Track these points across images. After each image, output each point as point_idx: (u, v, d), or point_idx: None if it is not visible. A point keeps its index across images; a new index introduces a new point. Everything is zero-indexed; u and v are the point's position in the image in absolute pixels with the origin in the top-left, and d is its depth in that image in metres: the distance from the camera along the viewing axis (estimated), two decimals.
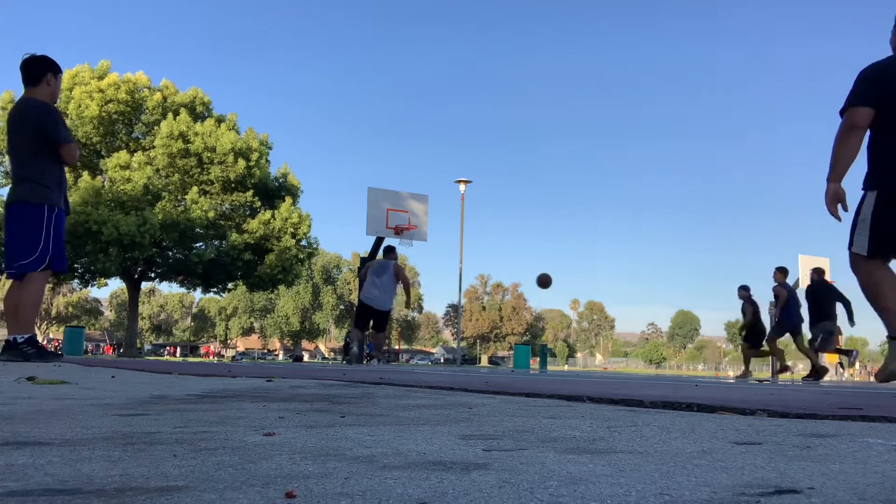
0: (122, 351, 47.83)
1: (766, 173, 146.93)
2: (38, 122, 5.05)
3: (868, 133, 4.01)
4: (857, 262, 4.07)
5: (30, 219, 5.02)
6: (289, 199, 28.96)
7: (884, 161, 3.93)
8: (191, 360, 26.96)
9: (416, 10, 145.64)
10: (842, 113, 4.03)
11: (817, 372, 10.36)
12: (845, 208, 4.01)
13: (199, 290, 31.90)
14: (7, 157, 27.05)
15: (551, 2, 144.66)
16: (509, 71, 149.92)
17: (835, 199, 3.98)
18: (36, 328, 5.69)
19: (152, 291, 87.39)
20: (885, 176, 3.92)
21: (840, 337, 18.54)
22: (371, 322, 10.74)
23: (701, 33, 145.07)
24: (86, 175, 26.33)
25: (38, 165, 5.04)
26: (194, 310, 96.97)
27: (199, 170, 27.71)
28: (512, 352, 30.36)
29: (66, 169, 5.32)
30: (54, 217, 5.09)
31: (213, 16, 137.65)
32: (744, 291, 12.21)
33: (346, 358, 10.82)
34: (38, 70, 5.22)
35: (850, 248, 4.08)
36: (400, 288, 10.83)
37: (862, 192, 4.03)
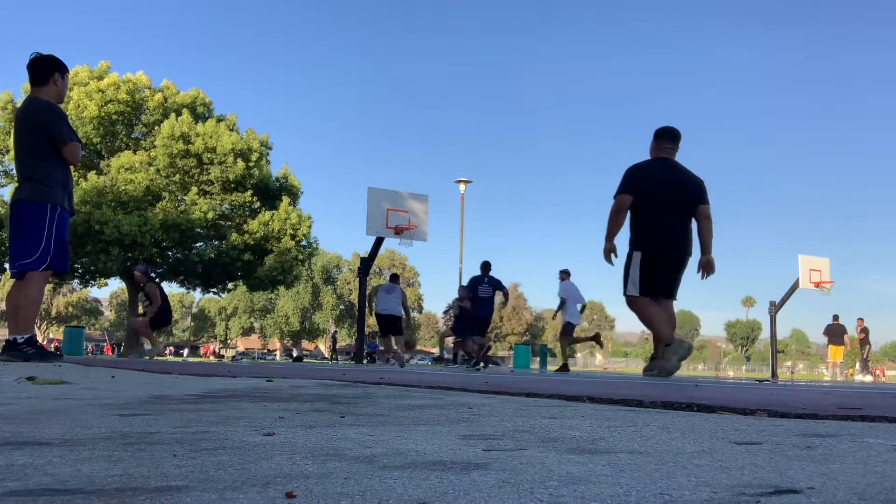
0: (122, 351, 47.81)
1: (765, 173, 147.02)
2: (42, 122, 5.04)
3: (630, 212, 5.83)
4: (632, 301, 5.82)
5: (32, 218, 5.00)
6: (287, 200, 28.90)
7: (642, 231, 5.78)
8: (191, 360, 26.96)
9: (416, 11, 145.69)
10: (615, 197, 5.81)
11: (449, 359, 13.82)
12: (613, 260, 5.94)
13: (198, 290, 31.89)
14: (7, 156, 27.11)
15: (550, 4, 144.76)
16: (509, 70, 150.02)
17: (609, 253, 5.93)
18: (36, 328, 5.68)
19: None
20: (644, 241, 5.75)
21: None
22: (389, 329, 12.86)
23: (697, 37, 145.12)
24: (92, 175, 26.34)
25: (41, 165, 5.03)
26: (194, 310, 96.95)
27: (199, 170, 27.69)
28: (512, 352, 30.33)
29: (71, 169, 5.31)
30: (57, 216, 5.07)
31: (214, 17, 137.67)
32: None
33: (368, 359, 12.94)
34: (46, 70, 5.21)
35: (625, 293, 5.85)
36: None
37: (629, 251, 5.83)
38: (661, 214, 5.70)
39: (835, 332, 19.72)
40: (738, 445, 1.12)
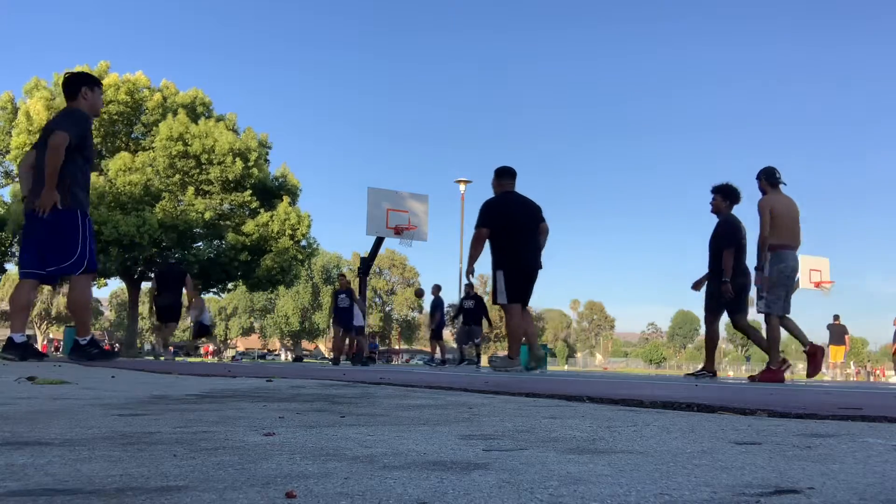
0: (119, 350, 47.72)
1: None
2: (56, 124, 5.14)
3: (491, 239, 7.07)
4: (505, 308, 7.09)
5: (63, 224, 5.09)
6: (286, 200, 28.87)
7: (502, 254, 7.06)
8: (190, 360, 26.99)
9: (416, 11, 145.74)
10: (476, 229, 7.11)
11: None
12: (472, 279, 7.61)
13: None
14: (8, 156, 27.14)
15: (550, 5, 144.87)
16: (509, 70, 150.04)
17: (469, 274, 7.39)
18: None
19: None
20: (505, 262, 7.04)
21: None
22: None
23: (697, 36, 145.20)
24: (93, 175, 26.34)
25: (67, 171, 5.08)
26: None
27: (197, 170, 27.69)
28: None
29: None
30: (87, 221, 5.24)
31: (212, 17, 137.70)
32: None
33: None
34: (73, 86, 5.42)
35: (496, 302, 7.15)
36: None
37: (493, 270, 7.16)
38: (517, 238, 7.06)
39: (835, 332, 19.71)
40: (738, 445, 1.12)
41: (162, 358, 12.80)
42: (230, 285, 31.98)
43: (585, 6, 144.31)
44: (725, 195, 7.42)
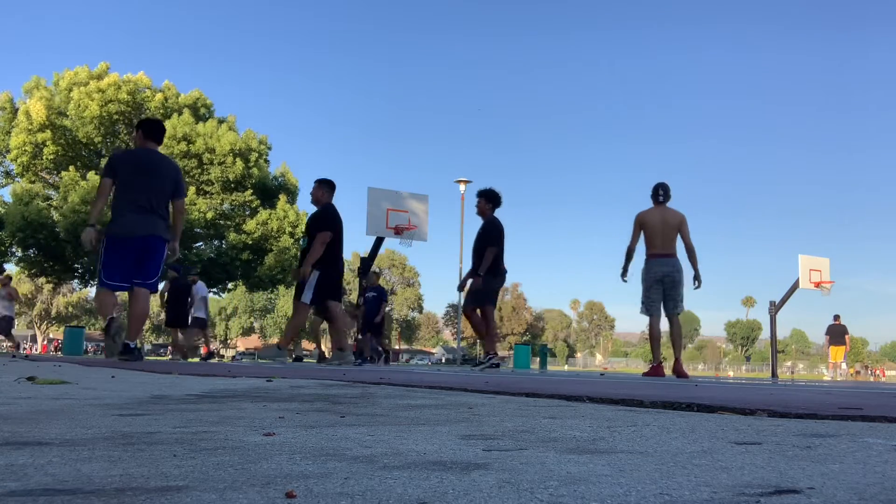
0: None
1: (765, 173, 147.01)
2: (176, 178, 6.24)
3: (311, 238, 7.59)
4: (301, 307, 7.63)
5: (161, 253, 6.21)
6: (283, 198, 28.84)
7: (327, 258, 7.55)
8: (190, 360, 26.97)
9: (416, 11, 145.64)
10: (323, 231, 7.52)
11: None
12: (306, 275, 7.58)
13: None
14: (8, 156, 27.05)
15: (550, 8, 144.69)
16: (510, 71, 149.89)
17: (299, 275, 7.69)
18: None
19: None
20: (325, 266, 7.50)
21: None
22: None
23: (699, 40, 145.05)
24: (92, 175, 26.31)
25: (167, 208, 6.24)
26: None
27: (199, 170, 27.69)
28: (512, 352, 30.30)
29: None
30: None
31: (213, 18, 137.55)
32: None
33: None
34: (163, 134, 6.49)
35: (300, 300, 7.55)
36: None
37: (311, 269, 7.50)
38: (339, 247, 7.74)
39: (836, 332, 19.71)
40: (738, 445, 1.12)
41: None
42: (230, 285, 31.98)
43: (586, 10, 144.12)
44: (489, 199, 8.15)
